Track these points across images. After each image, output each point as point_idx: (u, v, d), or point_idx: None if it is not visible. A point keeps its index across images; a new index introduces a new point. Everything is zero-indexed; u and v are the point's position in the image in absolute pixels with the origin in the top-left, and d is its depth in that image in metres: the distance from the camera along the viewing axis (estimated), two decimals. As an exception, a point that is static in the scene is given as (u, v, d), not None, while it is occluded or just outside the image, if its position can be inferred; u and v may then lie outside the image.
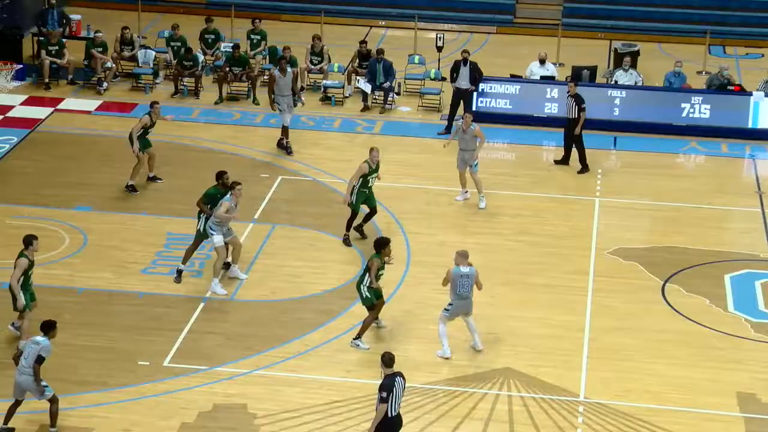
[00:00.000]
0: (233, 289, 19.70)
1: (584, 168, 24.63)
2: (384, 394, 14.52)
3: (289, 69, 24.60)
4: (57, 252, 20.68)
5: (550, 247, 21.47)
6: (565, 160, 24.85)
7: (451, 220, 22.35)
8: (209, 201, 19.64)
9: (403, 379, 14.80)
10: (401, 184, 23.82)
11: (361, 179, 20.80)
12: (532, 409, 16.80)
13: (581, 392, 17.25)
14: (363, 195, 20.96)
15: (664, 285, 20.31)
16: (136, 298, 19.44)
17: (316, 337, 18.37)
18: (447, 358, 17.82)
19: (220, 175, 19.85)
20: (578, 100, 24.43)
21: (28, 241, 17.62)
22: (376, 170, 20.96)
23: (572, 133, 24.48)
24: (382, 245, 18.08)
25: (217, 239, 19.41)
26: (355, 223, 21.26)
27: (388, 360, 14.73)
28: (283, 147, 24.93)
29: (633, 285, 20.29)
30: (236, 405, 16.68)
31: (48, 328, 15.75)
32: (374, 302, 18.05)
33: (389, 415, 14.64)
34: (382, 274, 18.07)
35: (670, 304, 19.73)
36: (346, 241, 21.19)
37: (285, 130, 24.91)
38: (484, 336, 18.26)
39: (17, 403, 15.83)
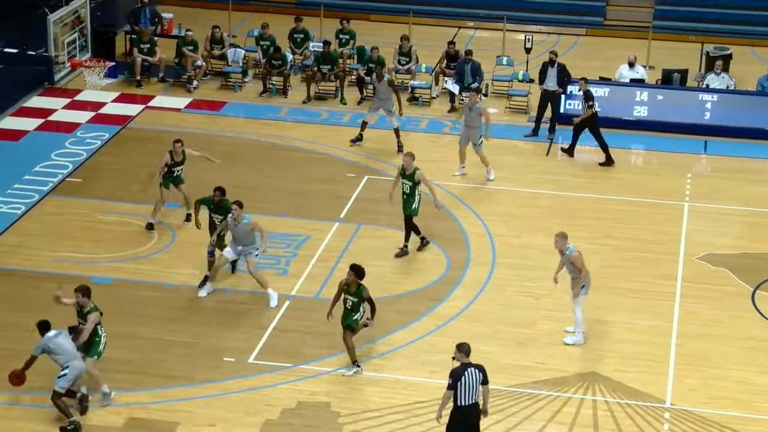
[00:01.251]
0: (318, 288, 19.78)
1: (568, 151, 25.04)
2: (450, 381, 14.61)
3: (385, 77, 24.85)
4: (145, 248, 20.93)
5: (637, 251, 21.21)
6: (608, 161, 24.73)
7: (536, 221, 22.19)
8: (201, 202, 19.98)
9: (481, 372, 14.72)
10: (486, 185, 23.74)
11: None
12: (617, 414, 16.62)
13: (667, 398, 17.03)
14: (402, 200, 20.66)
15: (754, 292, 19.97)
16: (222, 294, 19.61)
17: (399, 337, 18.37)
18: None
19: (214, 190, 19.73)
20: (587, 97, 24.62)
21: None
22: (409, 179, 20.49)
23: (592, 127, 24.66)
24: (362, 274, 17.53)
25: (225, 251, 19.33)
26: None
27: (467, 350, 14.74)
28: (399, 147, 25.09)
29: (722, 291, 19.98)
30: (320, 403, 16.74)
31: (41, 328, 15.72)
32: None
33: (459, 403, 14.65)
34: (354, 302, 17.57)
35: (760, 312, 19.39)
36: (423, 242, 21.08)
37: (363, 125, 25.32)
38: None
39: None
